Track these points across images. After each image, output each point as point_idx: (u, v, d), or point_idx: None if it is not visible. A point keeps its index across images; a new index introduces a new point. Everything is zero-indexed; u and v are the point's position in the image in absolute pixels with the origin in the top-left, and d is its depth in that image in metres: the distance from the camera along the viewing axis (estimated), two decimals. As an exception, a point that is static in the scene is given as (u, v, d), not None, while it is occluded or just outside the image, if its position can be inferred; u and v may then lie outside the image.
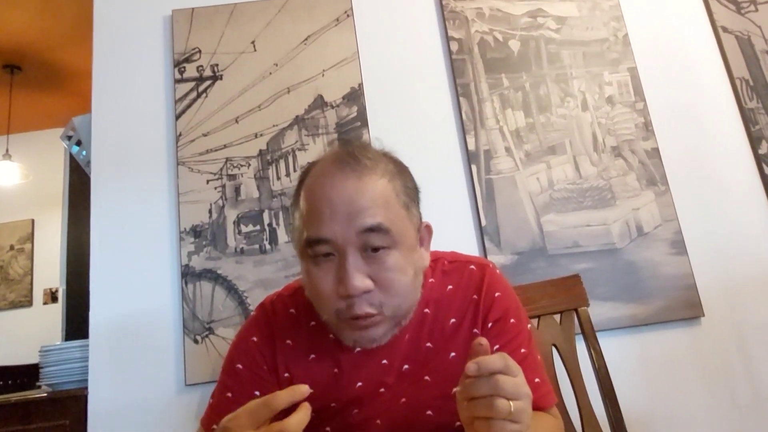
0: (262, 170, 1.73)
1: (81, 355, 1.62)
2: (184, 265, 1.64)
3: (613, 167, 1.72)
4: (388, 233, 0.77)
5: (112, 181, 1.71)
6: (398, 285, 0.78)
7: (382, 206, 0.78)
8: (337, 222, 0.76)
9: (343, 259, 0.76)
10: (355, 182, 0.78)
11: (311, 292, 0.81)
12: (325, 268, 0.78)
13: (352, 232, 0.76)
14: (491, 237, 1.66)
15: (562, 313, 1.22)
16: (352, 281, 0.74)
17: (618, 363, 1.36)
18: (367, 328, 0.78)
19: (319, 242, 0.77)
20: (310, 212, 0.79)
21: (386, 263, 0.77)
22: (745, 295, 1.63)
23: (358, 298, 0.76)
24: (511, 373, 0.60)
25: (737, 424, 1.52)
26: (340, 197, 0.77)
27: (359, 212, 0.76)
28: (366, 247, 0.77)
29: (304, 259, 0.81)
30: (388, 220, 0.78)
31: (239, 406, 0.85)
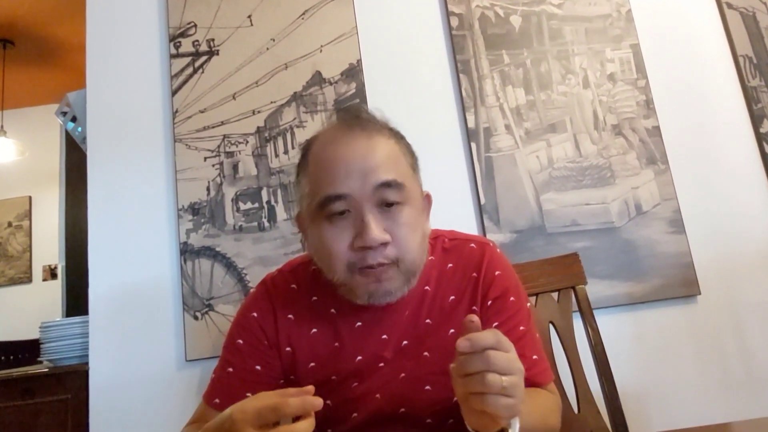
0: (260, 147, 1.72)
1: (81, 331, 1.63)
2: (182, 242, 1.64)
3: (613, 145, 1.71)
4: (401, 188, 0.80)
5: (108, 157, 1.70)
6: (412, 240, 0.80)
7: (394, 162, 0.81)
8: (352, 178, 0.78)
9: (361, 214, 0.78)
10: (365, 141, 0.81)
11: (323, 252, 0.81)
12: (340, 225, 0.79)
13: (369, 187, 0.78)
14: (490, 215, 1.66)
15: (560, 291, 1.23)
16: (371, 233, 0.76)
17: (614, 340, 1.37)
18: (381, 280, 0.79)
19: (337, 198, 0.78)
20: (323, 174, 0.81)
21: (400, 218, 0.79)
22: (741, 275, 1.64)
23: (373, 250, 0.77)
24: (503, 349, 0.60)
25: (729, 400, 1.54)
26: (354, 154, 0.80)
27: (374, 168, 0.79)
28: (381, 202, 0.79)
29: (317, 221, 0.81)
30: (400, 176, 0.81)
31: (240, 381, 0.87)
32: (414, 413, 0.85)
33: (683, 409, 1.53)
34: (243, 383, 0.87)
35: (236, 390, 0.86)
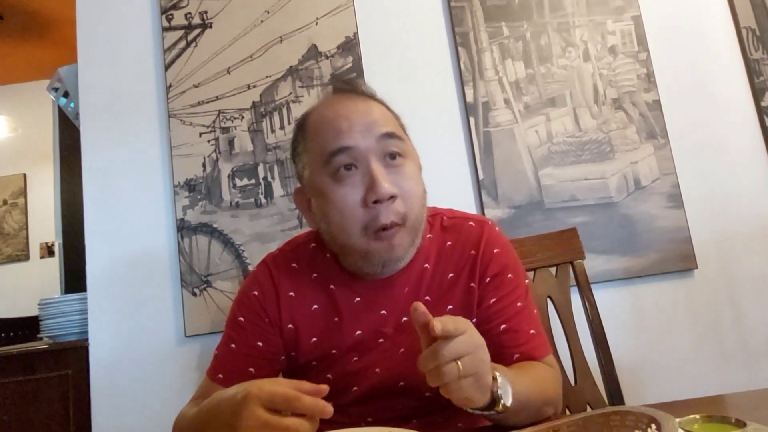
0: (255, 123, 1.70)
1: (80, 307, 1.63)
2: (179, 219, 1.63)
3: (613, 120, 1.69)
4: (402, 140, 0.84)
5: (102, 133, 1.68)
6: (416, 194, 0.83)
7: (391, 120, 0.86)
8: (356, 131, 0.81)
9: (368, 167, 0.80)
10: (362, 102, 0.85)
11: (334, 215, 0.81)
12: (347, 182, 0.80)
13: (372, 138, 0.81)
14: (488, 191, 1.65)
15: (558, 265, 1.23)
16: (382, 185, 0.78)
17: (611, 314, 1.39)
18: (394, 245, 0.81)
19: (342, 151, 0.80)
20: (325, 132, 0.83)
21: (405, 172, 0.82)
22: (738, 249, 1.64)
23: (384, 206, 0.79)
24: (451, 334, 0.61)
25: (724, 372, 1.57)
26: (355, 110, 0.83)
27: (375, 122, 0.82)
28: (385, 153, 0.81)
29: (323, 183, 0.82)
30: (399, 131, 0.85)
31: (243, 356, 0.88)
32: (413, 387, 0.86)
33: (678, 381, 1.55)
34: (245, 358, 0.88)
35: (239, 365, 0.88)
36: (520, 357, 0.84)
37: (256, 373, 0.87)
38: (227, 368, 0.88)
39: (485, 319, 0.87)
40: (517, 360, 0.84)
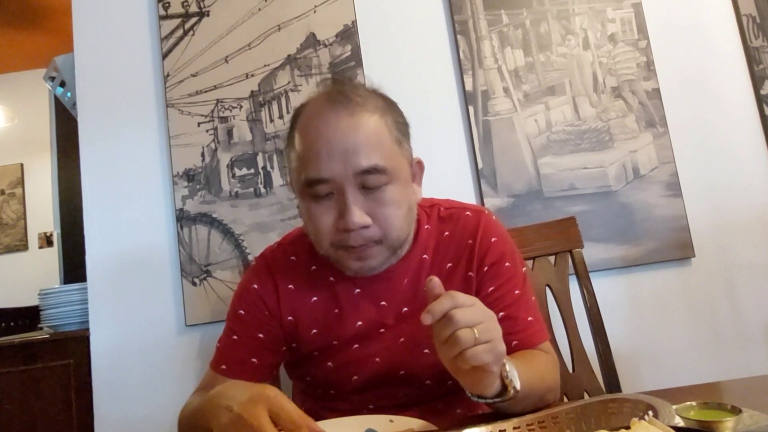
0: (254, 112, 1.69)
1: (80, 297, 1.64)
2: (178, 209, 1.63)
3: (612, 108, 1.69)
4: (384, 172, 0.80)
5: (99, 123, 1.67)
6: (394, 219, 0.82)
7: (376, 144, 0.81)
8: (334, 161, 0.78)
9: (343, 196, 0.79)
10: (348, 120, 0.80)
11: (310, 227, 0.84)
12: (325, 205, 0.81)
13: (350, 171, 0.79)
14: (488, 180, 1.65)
15: (557, 254, 1.24)
16: (351, 217, 0.78)
17: (609, 302, 1.39)
18: (364, 258, 0.82)
19: (319, 182, 0.80)
20: (306, 153, 0.81)
21: (383, 199, 0.81)
22: (735, 237, 1.65)
23: (354, 233, 0.79)
24: (464, 305, 0.62)
25: (720, 360, 1.58)
26: (336, 136, 0.79)
27: (355, 151, 0.79)
28: (363, 185, 0.80)
29: (304, 197, 0.83)
30: (383, 159, 0.80)
31: (245, 348, 0.89)
32: (413, 375, 0.87)
33: (675, 369, 1.56)
34: (247, 349, 0.90)
35: (241, 356, 0.89)
36: (518, 344, 0.85)
37: (259, 363, 0.89)
38: (230, 359, 0.90)
39: None
40: (515, 347, 0.85)
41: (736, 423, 0.53)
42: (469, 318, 0.61)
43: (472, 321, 0.61)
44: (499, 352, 0.63)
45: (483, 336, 0.61)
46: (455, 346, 0.60)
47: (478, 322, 0.61)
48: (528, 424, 0.61)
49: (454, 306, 0.62)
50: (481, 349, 0.61)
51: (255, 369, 0.88)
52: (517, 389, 0.67)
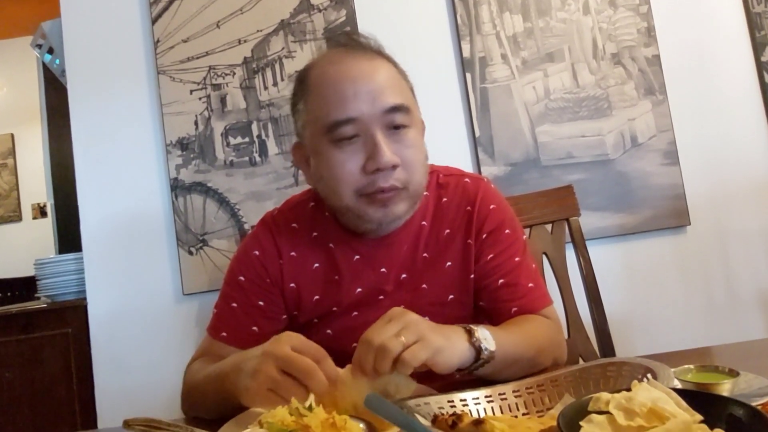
0: (248, 79, 1.66)
1: (76, 267, 1.63)
2: (172, 178, 1.61)
3: (611, 75, 1.67)
4: (408, 112, 0.81)
5: (89, 91, 1.64)
6: (418, 162, 0.82)
7: (398, 85, 0.82)
8: (361, 101, 0.78)
9: (372, 137, 0.78)
10: (369, 63, 0.81)
11: (331, 178, 0.82)
12: (349, 150, 0.80)
13: (378, 110, 0.79)
14: (485, 148, 1.64)
15: (554, 223, 1.24)
16: (383, 156, 0.77)
17: (605, 269, 1.40)
18: (389, 205, 0.81)
19: (346, 122, 0.78)
20: (329, 96, 0.80)
21: (407, 141, 0.81)
22: (731, 205, 1.65)
23: (384, 173, 0.78)
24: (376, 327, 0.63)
25: (713, 324, 1.61)
26: (361, 75, 0.80)
27: (381, 91, 0.79)
28: (389, 125, 0.80)
29: (323, 147, 0.81)
30: (405, 99, 0.82)
31: (245, 315, 0.89)
32: None
33: (668, 334, 1.59)
34: (247, 317, 0.89)
35: (242, 324, 0.89)
36: (518, 310, 0.86)
37: (260, 331, 0.88)
38: (231, 327, 0.89)
39: (483, 274, 0.88)
40: (515, 313, 0.86)
41: (734, 385, 0.53)
42: (389, 331, 0.62)
43: (392, 332, 0.62)
44: (434, 346, 0.63)
45: (410, 338, 0.62)
46: (387, 356, 0.60)
47: (396, 331, 0.62)
48: (527, 387, 0.61)
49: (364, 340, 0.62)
50: (412, 350, 0.61)
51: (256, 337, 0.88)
52: (491, 350, 0.68)
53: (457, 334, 0.68)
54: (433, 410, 0.57)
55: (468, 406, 0.60)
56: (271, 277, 0.90)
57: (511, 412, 0.60)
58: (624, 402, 0.43)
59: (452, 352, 0.65)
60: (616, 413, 0.42)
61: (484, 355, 0.67)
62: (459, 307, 0.90)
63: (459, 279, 0.89)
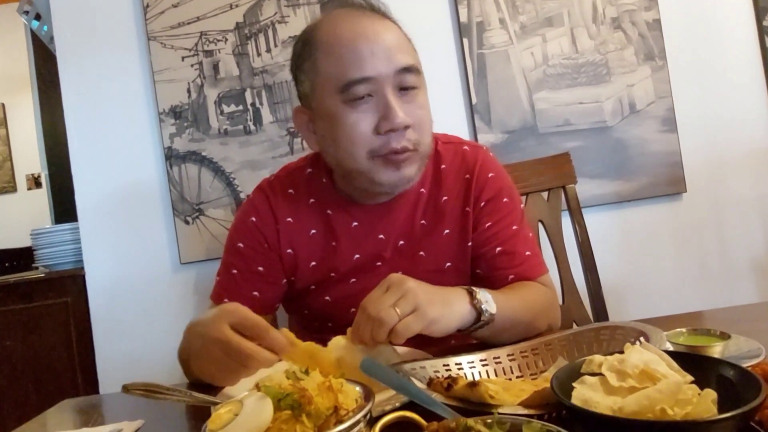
0: (240, 45, 1.62)
1: (72, 237, 1.63)
2: (166, 147, 1.60)
3: (611, 41, 1.64)
4: (419, 73, 0.82)
5: (79, 59, 1.60)
6: (427, 123, 0.83)
7: (408, 46, 0.83)
8: (378, 59, 0.78)
9: (384, 97, 0.78)
10: (381, 22, 0.81)
11: (343, 139, 0.80)
12: (362, 109, 0.79)
13: (392, 69, 0.78)
14: (482, 115, 1.62)
15: (550, 190, 1.24)
16: (397, 115, 0.77)
17: (600, 237, 1.41)
18: (402, 167, 0.81)
19: (362, 82, 0.78)
20: (344, 55, 0.79)
21: (417, 101, 0.81)
22: (728, 172, 1.65)
23: (397, 134, 0.78)
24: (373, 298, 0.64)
25: (705, 290, 1.63)
26: (376, 35, 0.79)
27: (395, 51, 0.79)
28: (401, 85, 0.80)
29: (334, 108, 0.80)
30: (416, 61, 0.82)
31: (246, 281, 0.90)
32: None
33: (662, 301, 1.61)
34: (248, 283, 0.90)
35: (243, 290, 0.90)
36: (515, 278, 0.87)
37: (261, 296, 0.89)
38: (232, 293, 0.90)
39: (481, 242, 0.89)
40: (512, 281, 0.86)
41: (725, 348, 0.54)
42: (386, 301, 0.63)
43: (389, 303, 0.63)
44: (429, 318, 0.64)
45: (405, 309, 0.62)
46: (381, 327, 0.61)
47: (393, 301, 0.63)
48: (522, 351, 0.62)
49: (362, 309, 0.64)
50: (407, 321, 0.62)
51: (257, 302, 0.89)
52: (492, 314, 0.69)
53: (458, 296, 0.69)
54: (429, 374, 0.58)
55: (463, 370, 0.61)
56: (268, 243, 0.91)
57: (506, 375, 0.61)
58: (617, 364, 0.44)
59: (450, 320, 0.66)
60: (608, 375, 0.43)
61: (484, 317, 0.68)
62: (456, 274, 0.90)
63: (456, 246, 0.90)
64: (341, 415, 0.42)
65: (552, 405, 0.45)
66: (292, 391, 0.42)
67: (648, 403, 0.39)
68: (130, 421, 0.64)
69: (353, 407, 0.43)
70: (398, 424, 0.44)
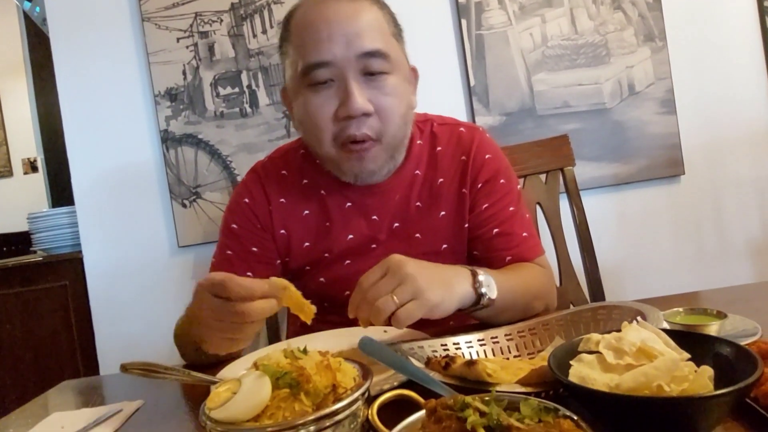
0: (236, 27, 1.60)
1: (69, 221, 1.63)
2: (162, 130, 1.59)
3: (611, 21, 1.62)
4: (386, 58, 0.79)
5: (72, 40, 1.58)
6: (395, 112, 0.80)
7: (378, 30, 0.79)
8: (335, 43, 0.76)
9: (344, 82, 0.77)
10: (349, 5, 0.79)
11: (308, 123, 0.81)
12: (323, 95, 0.78)
13: (352, 54, 0.77)
14: (480, 97, 1.61)
15: (548, 173, 1.23)
16: (354, 103, 0.76)
17: (598, 219, 1.41)
18: (364, 158, 0.80)
19: (319, 66, 0.77)
20: (305, 39, 0.78)
21: (385, 87, 0.79)
22: (726, 154, 1.65)
23: (356, 121, 0.77)
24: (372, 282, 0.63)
25: (702, 272, 1.63)
26: (337, 18, 0.77)
27: (357, 34, 0.77)
28: (365, 71, 0.78)
29: (301, 91, 0.80)
30: (385, 45, 0.79)
31: (240, 261, 0.89)
32: None
33: (658, 282, 1.62)
34: (243, 263, 0.90)
35: (238, 270, 0.89)
36: (512, 259, 0.87)
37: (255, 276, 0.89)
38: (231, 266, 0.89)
39: (478, 224, 0.89)
40: (509, 262, 0.86)
41: (721, 326, 0.54)
42: (384, 287, 0.62)
43: (387, 289, 0.62)
44: (430, 304, 0.63)
45: (403, 297, 0.61)
46: (380, 314, 0.61)
47: (394, 286, 0.62)
48: (519, 331, 0.63)
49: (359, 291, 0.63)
50: (406, 309, 0.61)
51: None
52: (491, 298, 0.69)
53: (460, 276, 0.69)
54: (427, 353, 0.59)
55: (461, 349, 0.61)
56: (261, 223, 0.91)
57: (503, 354, 0.61)
58: (614, 342, 0.44)
59: (450, 303, 0.65)
60: (605, 352, 0.43)
61: (483, 301, 0.68)
62: (452, 256, 0.90)
63: (453, 228, 0.90)
64: (339, 393, 0.42)
65: (549, 383, 0.46)
66: (291, 370, 0.42)
67: (645, 380, 0.39)
68: (130, 401, 0.65)
69: (351, 386, 0.43)
70: (396, 402, 0.45)
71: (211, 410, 0.41)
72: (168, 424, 0.61)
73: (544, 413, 0.37)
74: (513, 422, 0.35)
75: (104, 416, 0.61)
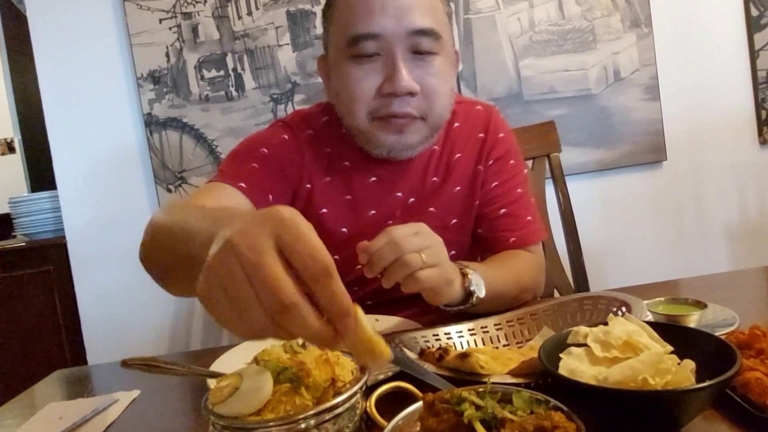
0: (220, 8, 1.57)
1: (51, 205, 1.61)
2: (146, 113, 1.56)
3: (597, 6, 1.63)
4: (438, 38, 0.76)
5: (51, 19, 1.54)
6: (441, 93, 0.78)
7: (431, 7, 0.76)
8: (387, 16, 0.73)
9: (392, 58, 0.74)
10: None
11: (346, 95, 0.78)
12: (367, 68, 0.76)
13: (403, 30, 0.74)
14: (468, 82, 1.61)
15: (535, 158, 1.25)
16: (400, 80, 0.73)
17: (582, 204, 1.43)
18: (404, 132, 0.78)
19: (367, 38, 0.74)
20: (355, 8, 0.75)
21: (433, 68, 0.77)
22: (708, 141, 1.68)
23: (400, 99, 0.75)
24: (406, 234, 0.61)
25: (682, 256, 1.68)
26: None
27: (410, 9, 0.74)
28: (414, 49, 0.75)
29: (342, 62, 0.77)
30: (437, 24, 0.76)
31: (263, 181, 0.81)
32: None
33: (640, 266, 1.66)
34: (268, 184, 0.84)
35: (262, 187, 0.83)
36: (516, 241, 0.88)
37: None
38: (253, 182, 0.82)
39: (486, 201, 0.89)
40: (513, 243, 0.87)
41: (701, 316, 0.57)
42: (415, 243, 0.61)
43: (418, 246, 0.61)
44: (447, 277, 0.63)
45: (430, 260, 0.61)
46: (403, 268, 0.60)
47: (424, 246, 0.61)
48: (508, 321, 0.64)
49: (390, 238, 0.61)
50: (429, 272, 0.61)
51: None
52: (480, 297, 0.69)
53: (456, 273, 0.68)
54: (420, 344, 0.60)
55: (452, 339, 0.63)
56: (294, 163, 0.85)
57: (493, 344, 0.63)
58: (601, 335, 0.46)
59: (452, 291, 0.66)
60: (593, 346, 0.45)
61: (471, 301, 0.69)
62: (460, 231, 0.90)
63: (464, 204, 0.89)
64: (338, 386, 0.43)
65: (539, 374, 0.48)
66: (291, 365, 0.43)
67: (631, 373, 0.41)
68: (126, 392, 0.65)
69: (350, 379, 0.44)
70: (393, 394, 0.46)
71: (215, 405, 0.42)
72: (167, 412, 0.62)
73: (536, 405, 0.39)
74: (507, 414, 0.37)
75: (101, 406, 0.61)
